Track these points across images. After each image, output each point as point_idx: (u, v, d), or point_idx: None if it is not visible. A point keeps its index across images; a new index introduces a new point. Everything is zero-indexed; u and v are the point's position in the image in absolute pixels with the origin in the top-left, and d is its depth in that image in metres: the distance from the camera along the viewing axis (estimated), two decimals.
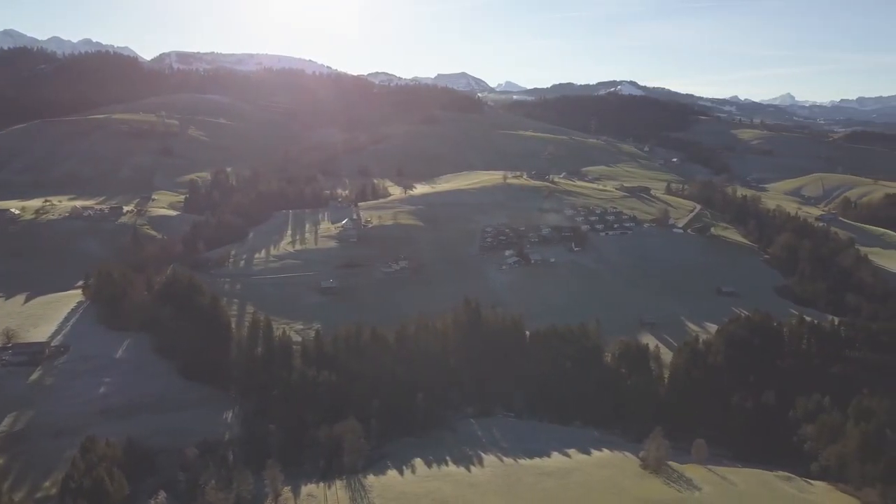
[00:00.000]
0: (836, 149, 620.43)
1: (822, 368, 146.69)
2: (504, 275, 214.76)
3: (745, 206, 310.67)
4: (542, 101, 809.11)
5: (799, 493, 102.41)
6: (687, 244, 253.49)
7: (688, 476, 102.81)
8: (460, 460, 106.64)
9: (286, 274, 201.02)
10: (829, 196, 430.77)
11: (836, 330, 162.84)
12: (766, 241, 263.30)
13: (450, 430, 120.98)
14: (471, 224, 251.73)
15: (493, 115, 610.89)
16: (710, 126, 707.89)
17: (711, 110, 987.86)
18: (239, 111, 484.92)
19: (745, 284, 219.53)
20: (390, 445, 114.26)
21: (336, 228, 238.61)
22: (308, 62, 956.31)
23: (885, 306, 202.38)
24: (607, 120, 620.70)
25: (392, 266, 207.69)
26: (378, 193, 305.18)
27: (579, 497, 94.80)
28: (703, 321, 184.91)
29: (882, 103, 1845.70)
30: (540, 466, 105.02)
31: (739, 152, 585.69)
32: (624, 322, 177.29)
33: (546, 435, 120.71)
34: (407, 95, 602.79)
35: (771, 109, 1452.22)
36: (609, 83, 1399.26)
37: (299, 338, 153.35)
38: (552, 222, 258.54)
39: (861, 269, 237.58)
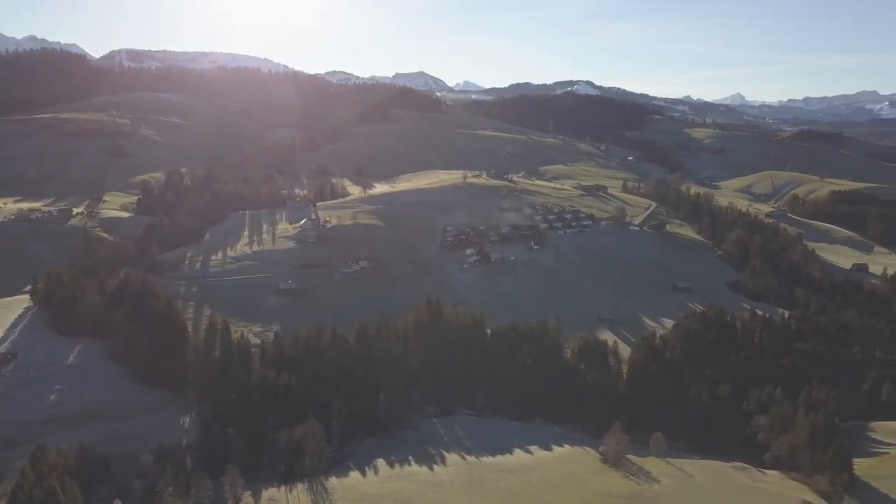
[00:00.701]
0: (785, 147, 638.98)
1: (773, 361, 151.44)
2: (465, 274, 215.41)
3: (698, 203, 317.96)
4: (500, 100, 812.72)
5: (753, 482, 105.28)
6: (643, 241, 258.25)
7: (647, 469, 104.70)
8: (423, 460, 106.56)
9: (244, 275, 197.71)
10: (778, 193, 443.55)
11: (787, 323, 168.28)
12: (718, 237, 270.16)
13: (412, 429, 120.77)
14: (431, 223, 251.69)
15: (452, 115, 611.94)
16: (665, 125, 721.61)
17: (665, 110, 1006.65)
18: (193, 110, 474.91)
19: (699, 280, 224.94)
20: (352, 447, 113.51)
21: (294, 229, 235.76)
22: (264, 61, 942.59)
23: (832, 300, 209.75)
24: (564, 119, 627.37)
25: (352, 266, 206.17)
26: (337, 193, 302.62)
27: (541, 493, 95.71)
28: (659, 317, 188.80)
29: (827, 103, 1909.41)
30: (502, 464, 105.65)
31: (693, 151, 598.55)
32: (583, 319, 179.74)
33: (508, 432, 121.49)
34: (365, 94, 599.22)
35: (722, 109, 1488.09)
36: (566, 83, 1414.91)
37: (258, 340, 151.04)
38: (512, 221, 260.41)
39: (809, 263, 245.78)
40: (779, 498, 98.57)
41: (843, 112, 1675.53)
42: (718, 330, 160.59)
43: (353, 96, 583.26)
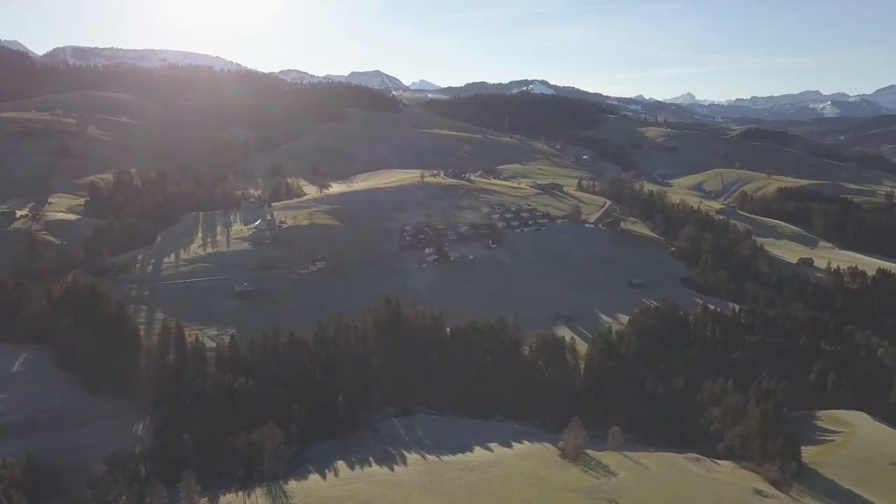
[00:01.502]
0: (733, 145, 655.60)
1: (724, 354, 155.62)
2: (424, 273, 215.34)
3: (651, 201, 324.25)
4: (457, 99, 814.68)
5: (707, 472, 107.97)
6: (598, 239, 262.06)
7: (605, 463, 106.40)
8: (383, 460, 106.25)
9: (197, 278, 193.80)
10: (727, 190, 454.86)
11: (737, 317, 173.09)
12: (671, 234, 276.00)
13: (372, 430, 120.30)
14: (389, 223, 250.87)
15: (409, 114, 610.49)
16: (618, 124, 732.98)
17: (619, 109, 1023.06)
18: (143, 109, 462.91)
19: (653, 276, 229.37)
20: (312, 450, 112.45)
21: (249, 230, 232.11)
22: (216, 59, 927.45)
23: (780, 293, 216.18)
24: (520, 119, 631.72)
25: (309, 267, 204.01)
26: (292, 193, 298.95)
27: (501, 489, 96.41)
28: (615, 313, 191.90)
29: (773, 102, 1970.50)
30: (463, 462, 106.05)
31: (645, 149, 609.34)
32: (541, 316, 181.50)
33: (468, 430, 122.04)
34: (320, 93, 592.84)
35: (673, 108, 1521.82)
36: (521, 82, 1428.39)
37: (213, 344, 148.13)
38: (470, 220, 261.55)
39: (758, 258, 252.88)
40: (731, 487, 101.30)
41: (788, 111, 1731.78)
42: (672, 325, 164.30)
43: (308, 95, 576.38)
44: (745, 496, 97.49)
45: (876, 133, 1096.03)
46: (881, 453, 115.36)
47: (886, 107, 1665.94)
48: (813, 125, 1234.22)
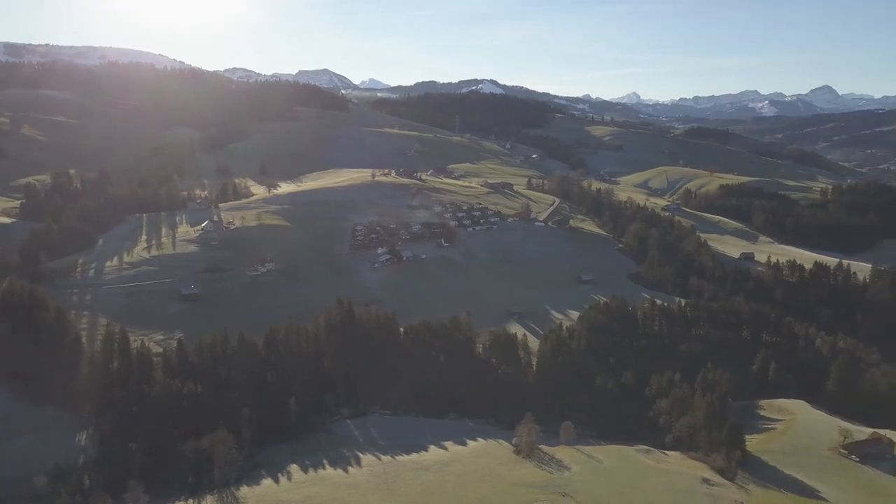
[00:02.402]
0: (678, 144, 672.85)
1: (672, 347, 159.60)
2: (376, 272, 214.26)
3: (599, 198, 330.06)
4: (407, 98, 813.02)
5: (656, 463, 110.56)
6: (548, 236, 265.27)
7: (558, 458, 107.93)
8: (337, 462, 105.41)
9: (142, 282, 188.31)
10: (672, 187, 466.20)
11: (683, 311, 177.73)
12: (619, 230, 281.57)
13: (325, 432, 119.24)
14: (341, 222, 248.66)
15: (359, 113, 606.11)
16: (566, 123, 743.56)
17: (567, 108, 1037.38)
18: (81, 108, 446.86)
19: (602, 272, 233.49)
20: (264, 454, 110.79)
21: (196, 231, 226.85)
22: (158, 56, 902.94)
23: (723, 287, 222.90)
24: (470, 118, 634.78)
25: (258, 268, 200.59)
26: (240, 193, 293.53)
27: (456, 487, 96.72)
28: (565, 309, 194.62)
29: (714, 102, 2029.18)
30: (417, 461, 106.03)
31: (593, 148, 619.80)
32: (493, 313, 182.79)
33: (422, 429, 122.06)
34: (268, 92, 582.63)
35: (619, 107, 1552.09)
36: (471, 81, 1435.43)
37: (160, 349, 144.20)
38: (422, 219, 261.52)
39: (702, 254, 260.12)
40: (680, 477, 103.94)
41: (728, 110, 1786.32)
42: (621, 320, 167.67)
43: (255, 94, 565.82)
44: (693, 485, 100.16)
45: (811, 131, 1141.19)
46: (820, 440, 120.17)
47: (820, 106, 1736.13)
48: (752, 124, 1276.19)
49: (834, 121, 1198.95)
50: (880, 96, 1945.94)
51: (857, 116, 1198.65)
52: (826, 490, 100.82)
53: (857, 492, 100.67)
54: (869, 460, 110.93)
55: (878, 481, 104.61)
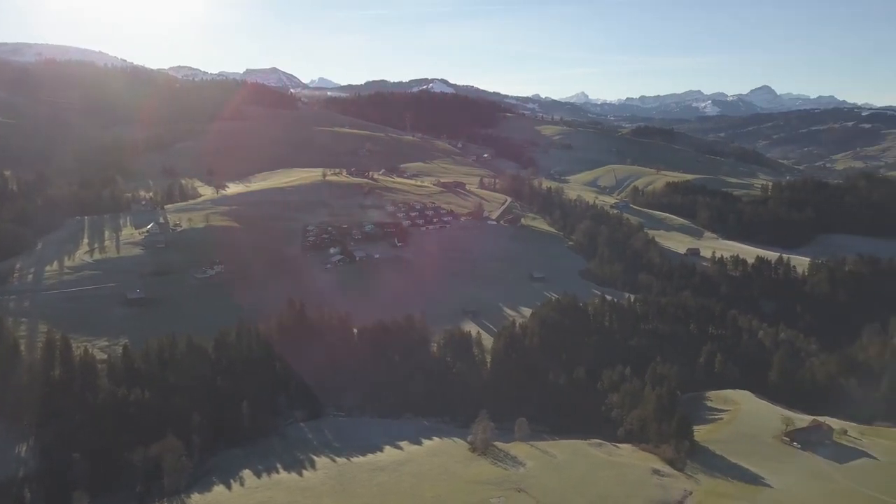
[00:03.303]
0: (625, 143, 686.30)
1: (622, 342, 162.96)
2: (329, 273, 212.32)
3: (550, 197, 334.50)
4: (358, 98, 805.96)
5: (609, 456, 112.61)
6: (501, 235, 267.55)
7: (513, 454, 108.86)
8: (292, 466, 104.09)
9: (85, 286, 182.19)
10: (620, 185, 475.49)
11: (632, 306, 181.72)
12: (569, 228, 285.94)
13: (279, 436, 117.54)
14: (291, 223, 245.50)
15: (308, 112, 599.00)
16: (517, 123, 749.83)
17: (517, 108, 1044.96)
18: (16, 107, 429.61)
19: (553, 270, 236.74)
20: (215, 460, 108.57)
21: (141, 234, 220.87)
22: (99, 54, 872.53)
23: (671, 282, 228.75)
24: (421, 117, 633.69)
25: (207, 271, 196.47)
26: (187, 194, 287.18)
27: (412, 487, 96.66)
28: (518, 306, 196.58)
29: (660, 101, 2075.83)
30: (373, 462, 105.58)
31: (543, 147, 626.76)
32: (447, 312, 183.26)
33: (378, 430, 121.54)
34: (215, 91, 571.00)
35: (568, 107, 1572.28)
36: (421, 80, 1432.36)
37: (104, 355, 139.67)
38: (374, 219, 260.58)
39: (650, 250, 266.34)
40: (631, 469, 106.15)
41: (673, 110, 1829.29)
42: (572, 316, 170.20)
43: (201, 93, 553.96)
44: (643, 476, 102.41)
45: (751, 130, 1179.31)
46: (764, 428, 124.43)
47: (760, 106, 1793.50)
48: (696, 123, 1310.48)
49: (773, 120, 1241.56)
50: (816, 96, 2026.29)
51: (795, 116, 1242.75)
52: (770, 476, 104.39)
53: (799, 477, 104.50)
54: (809, 446, 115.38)
55: (818, 466, 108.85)
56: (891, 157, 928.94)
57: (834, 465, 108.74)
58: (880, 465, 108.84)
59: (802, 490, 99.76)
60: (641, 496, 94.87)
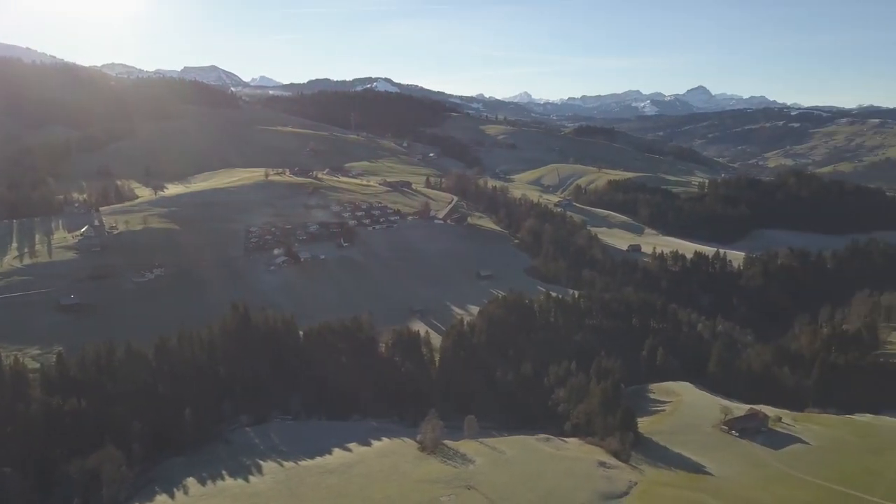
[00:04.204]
0: (568, 142, 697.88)
1: (567, 337, 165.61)
2: (273, 275, 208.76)
3: (495, 196, 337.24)
4: (300, 96, 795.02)
5: (556, 451, 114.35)
6: (447, 234, 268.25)
7: (462, 451, 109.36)
8: (237, 472, 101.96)
9: (14, 293, 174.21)
10: (563, 184, 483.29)
11: (577, 302, 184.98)
12: (515, 227, 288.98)
13: (224, 442, 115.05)
14: (233, 224, 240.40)
15: (250, 111, 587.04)
16: (461, 122, 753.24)
17: (461, 107, 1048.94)
18: None
19: (499, 267, 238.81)
20: (158, 469, 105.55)
21: (75, 237, 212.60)
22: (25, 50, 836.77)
23: (614, 278, 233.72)
24: (366, 116, 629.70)
25: (145, 275, 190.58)
26: (123, 196, 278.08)
27: (362, 488, 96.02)
28: (466, 304, 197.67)
29: (601, 101, 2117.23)
30: (322, 465, 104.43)
31: (488, 146, 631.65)
32: (395, 311, 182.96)
33: (326, 432, 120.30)
34: (150, 89, 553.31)
35: (512, 106, 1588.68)
36: (365, 79, 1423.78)
37: (37, 364, 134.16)
38: (319, 219, 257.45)
39: (593, 247, 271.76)
40: (578, 462, 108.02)
41: (614, 109, 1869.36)
42: (519, 313, 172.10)
43: (137, 91, 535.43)
44: (590, 469, 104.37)
45: (688, 129, 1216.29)
46: (704, 418, 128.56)
47: (696, 106, 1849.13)
48: (636, 122, 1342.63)
49: (709, 119, 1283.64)
50: (748, 96, 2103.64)
51: (729, 115, 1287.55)
52: (710, 465, 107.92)
53: (738, 464, 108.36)
54: (747, 434, 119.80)
55: (755, 453, 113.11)
56: (818, 155, 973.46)
57: (769, 452, 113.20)
58: (812, 450, 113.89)
59: (740, 477, 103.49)
60: (588, 489, 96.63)
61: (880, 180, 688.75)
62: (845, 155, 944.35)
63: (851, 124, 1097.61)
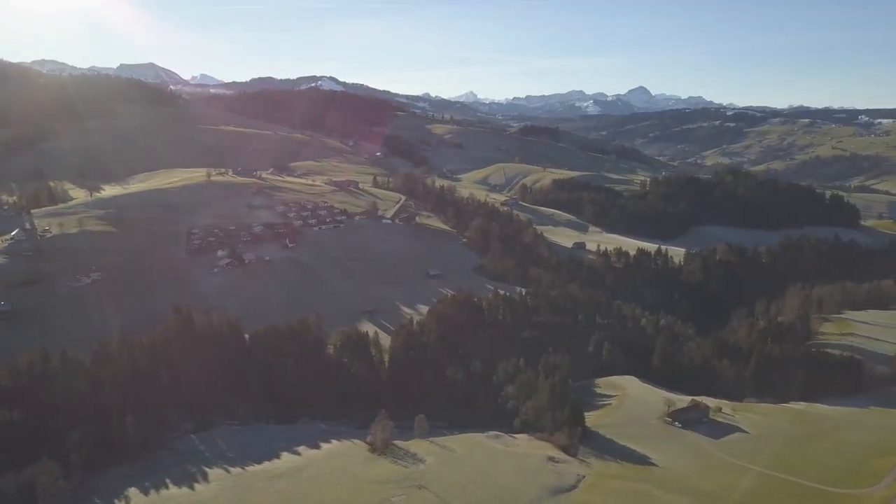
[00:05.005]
0: (513, 141, 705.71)
1: (516, 334, 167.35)
2: (217, 277, 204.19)
3: (443, 195, 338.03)
4: (243, 95, 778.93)
5: (506, 447, 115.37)
6: (396, 233, 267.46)
7: (412, 451, 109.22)
8: (182, 480, 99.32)
9: None
10: (510, 183, 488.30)
11: (524, 300, 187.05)
12: (462, 226, 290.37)
13: (168, 450, 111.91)
14: (175, 226, 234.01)
15: (191, 110, 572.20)
16: (408, 121, 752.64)
17: (407, 106, 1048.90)
18: None
19: (448, 266, 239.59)
20: (98, 479, 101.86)
21: (4, 241, 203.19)
22: None
23: (560, 275, 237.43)
24: (311, 115, 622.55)
25: (82, 279, 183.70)
26: (57, 198, 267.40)
27: (312, 492, 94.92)
28: (415, 304, 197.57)
29: (545, 101, 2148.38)
30: (270, 470, 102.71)
31: (434, 145, 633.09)
32: (344, 313, 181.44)
33: (274, 437, 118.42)
34: (85, 87, 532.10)
35: (458, 106, 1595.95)
36: (310, 78, 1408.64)
37: None
38: (264, 219, 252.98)
39: (539, 245, 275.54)
40: (528, 458, 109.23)
41: (558, 109, 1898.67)
42: (468, 311, 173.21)
43: (70, 89, 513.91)
44: (539, 465, 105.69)
45: (630, 129, 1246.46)
46: (648, 410, 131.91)
47: (637, 106, 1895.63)
48: (580, 122, 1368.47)
49: (649, 119, 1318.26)
50: (687, 97, 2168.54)
51: (669, 115, 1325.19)
52: (655, 456, 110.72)
53: (681, 455, 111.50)
54: (689, 425, 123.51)
55: (697, 443, 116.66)
56: (753, 154, 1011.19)
57: (710, 441, 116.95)
58: (750, 438, 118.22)
59: (684, 466, 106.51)
60: (538, 484, 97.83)
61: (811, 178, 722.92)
62: (778, 153, 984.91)
63: (783, 124, 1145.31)
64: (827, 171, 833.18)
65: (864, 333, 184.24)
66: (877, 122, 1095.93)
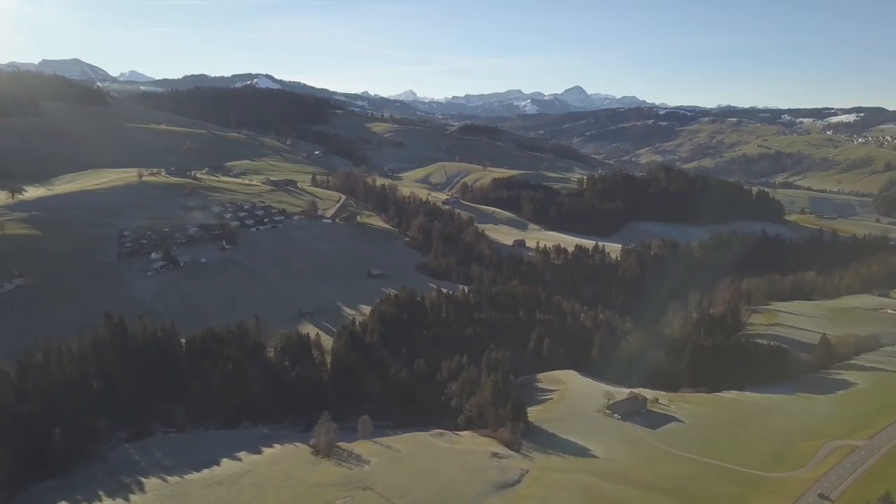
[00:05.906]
0: (453, 140, 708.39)
1: (458, 332, 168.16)
2: (150, 281, 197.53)
3: (384, 194, 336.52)
4: (175, 92, 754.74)
5: (450, 445, 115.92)
6: (336, 233, 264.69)
7: (357, 452, 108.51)
8: (116, 492, 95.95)
9: None
10: (451, 182, 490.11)
11: (467, 297, 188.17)
12: (404, 224, 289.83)
13: (101, 461, 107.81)
14: (104, 228, 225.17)
15: (120, 108, 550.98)
16: (347, 120, 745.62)
17: (346, 104, 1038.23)
18: None
19: (391, 265, 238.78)
20: (24, 495, 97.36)
21: None
22: None
23: (500, 272, 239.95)
24: (247, 113, 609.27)
25: (4, 285, 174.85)
26: None
27: (253, 497, 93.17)
28: (357, 304, 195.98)
29: (484, 100, 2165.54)
30: (209, 477, 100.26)
31: (375, 144, 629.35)
32: (284, 315, 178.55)
33: (213, 443, 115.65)
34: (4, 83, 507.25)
35: (398, 104, 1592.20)
36: (245, 76, 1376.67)
37: None
38: (199, 221, 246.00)
39: (480, 243, 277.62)
40: (472, 455, 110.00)
41: (496, 108, 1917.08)
42: (411, 310, 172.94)
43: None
44: (484, 461, 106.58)
45: (567, 128, 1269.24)
46: (589, 404, 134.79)
47: (573, 105, 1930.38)
48: (518, 121, 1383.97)
49: (585, 118, 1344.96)
50: (621, 96, 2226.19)
51: (604, 114, 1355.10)
52: (596, 447, 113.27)
53: (620, 445, 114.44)
54: (628, 417, 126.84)
55: (636, 434, 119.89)
56: (684, 152, 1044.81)
57: (648, 431, 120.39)
58: (686, 427, 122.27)
59: (623, 457, 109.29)
60: (482, 480, 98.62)
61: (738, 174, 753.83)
62: (707, 151, 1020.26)
63: (712, 123, 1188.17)
64: (753, 168, 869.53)
65: (790, 323, 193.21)
66: (798, 122, 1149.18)
